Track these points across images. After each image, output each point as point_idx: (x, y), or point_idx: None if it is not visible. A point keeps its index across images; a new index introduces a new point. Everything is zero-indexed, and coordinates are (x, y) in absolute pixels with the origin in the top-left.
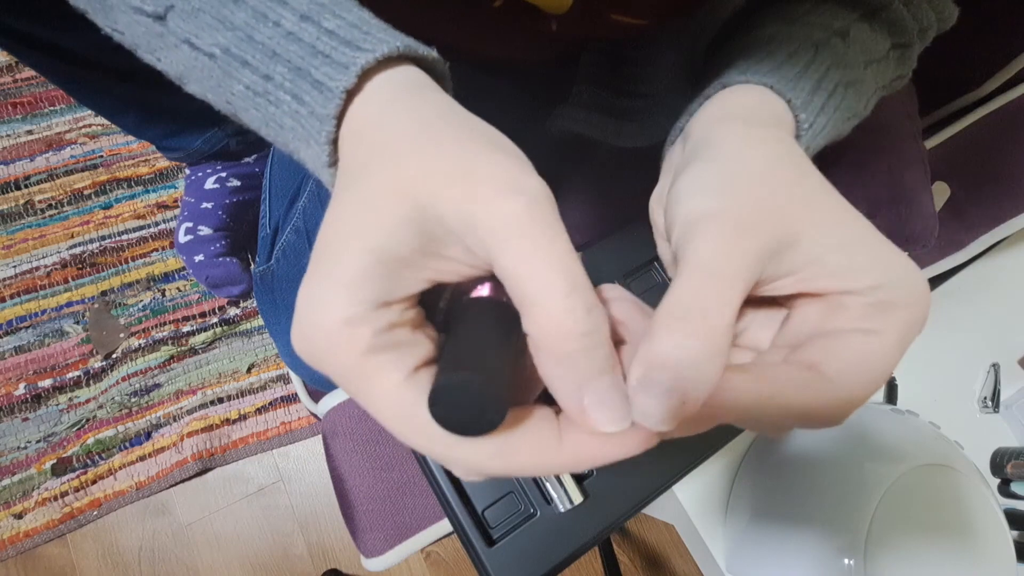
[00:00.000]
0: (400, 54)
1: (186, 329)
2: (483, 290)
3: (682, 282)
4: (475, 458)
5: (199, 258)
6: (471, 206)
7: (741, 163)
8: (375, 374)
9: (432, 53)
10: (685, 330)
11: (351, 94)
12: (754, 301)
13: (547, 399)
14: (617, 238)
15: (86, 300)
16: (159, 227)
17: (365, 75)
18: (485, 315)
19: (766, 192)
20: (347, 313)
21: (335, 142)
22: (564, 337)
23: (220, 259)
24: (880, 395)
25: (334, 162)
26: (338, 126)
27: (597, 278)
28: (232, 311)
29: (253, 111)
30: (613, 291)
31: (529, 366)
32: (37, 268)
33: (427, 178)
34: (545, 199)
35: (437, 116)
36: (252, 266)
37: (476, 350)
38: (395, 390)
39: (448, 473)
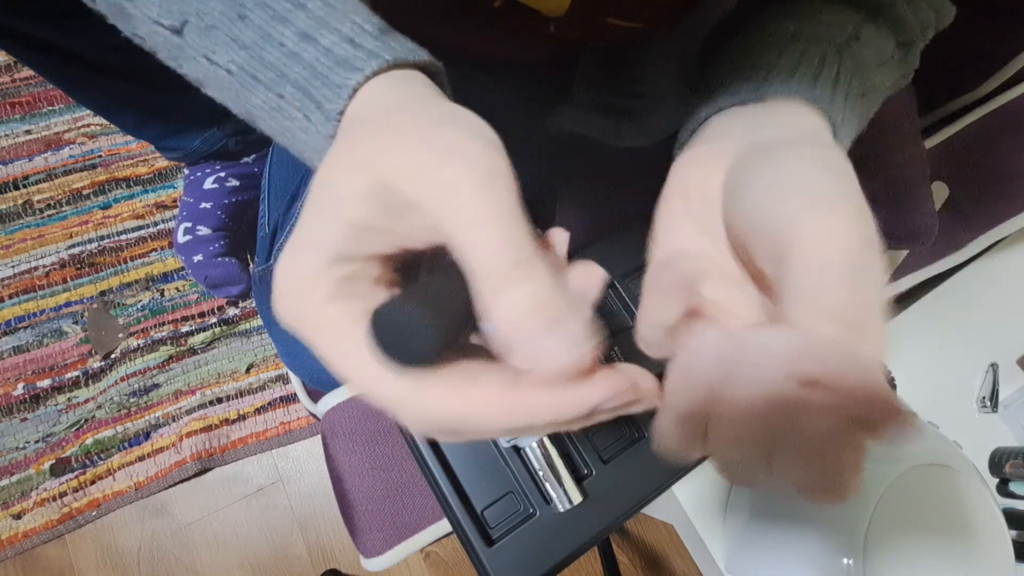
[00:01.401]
0: (390, 66)
1: (185, 329)
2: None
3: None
4: (421, 394)
5: (198, 258)
6: (423, 176)
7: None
8: (332, 317)
9: (421, 57)
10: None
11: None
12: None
13: None
14: (617, 238)
15: (85, 300)
16: (158, 227)
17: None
18: (448, 272)
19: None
20: (306, 270)
21: None
22: (506, 286)
23: (219, 259)
24: None
25: None
26: None
27: None
28: (231, 311)
29: (271, 122)
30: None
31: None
32: (36, 268)
33: (383, 154)
34: (486, 161)
35: (404, 103)
36: (251, 266)
37: (429, 291)
38: (346, 328)
39: (448, 473)
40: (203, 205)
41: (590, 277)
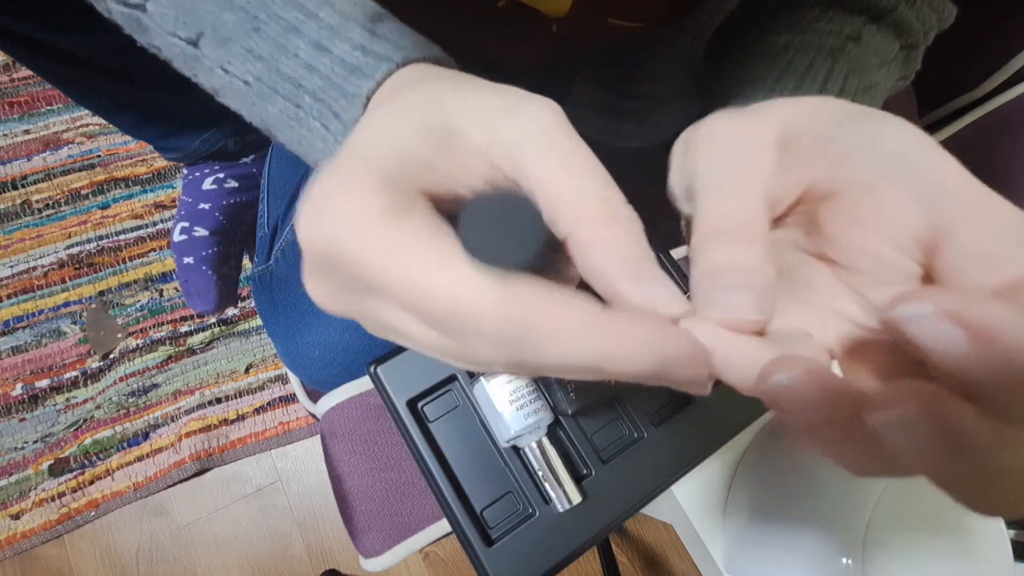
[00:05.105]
0: (400, 66)
1: (184, 329)
2: None
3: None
4: (512, 302)
5: (189, 260)
6: (494, 118)
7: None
8: (397, 222)
9: (432, 52)
10: (731, 239)
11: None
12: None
13: None
14: None
15: (83, 300)
16: (157, 227)
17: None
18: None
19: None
20: (359, 185)
21: None
22: (609, 223)
23: (206, 270)
24: None
25: None
26: None
27: None
28: (230, 311)
29: (287, 132)
30: None
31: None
32: (34, 268)
33: (452, 95)
34: (561, 112)
35: (453, 72)
36: (251, 266)
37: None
38: (417, 234)
39: (447, 473)
40: (201, 206)
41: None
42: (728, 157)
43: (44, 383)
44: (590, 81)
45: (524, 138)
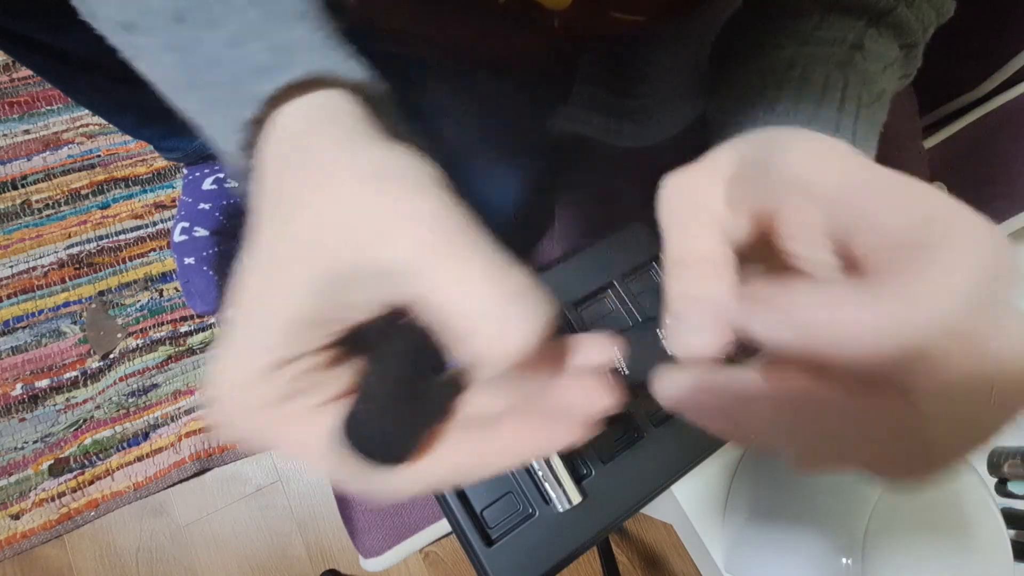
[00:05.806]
0: (297, 84)
1: (184, 329)
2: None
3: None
4: (399, 481)
5: (190, 261)
6: (370, 254)
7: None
8: (286, 418)
9: (354, 75)
10: (679, 271)
11: (255, 134)
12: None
13: None
14: (617, 238)
15: (83, 300)
16: (157, 227)
17: (266, 114)
18: (398, 343)
19: None
20: (244, 377)
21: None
22: (516, 343)
23: (206, 269)
24: None
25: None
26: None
27: (596, 278)
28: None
29: (202, 132)
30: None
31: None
32: (34, 268)
33: (320, 238)
34: (442, 214)
35: (328, 145)
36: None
37: (385, 381)
38: (307, 426)
39: None
40: (201, 206)
41: (600, 352)
42: (680, 204)
43: (44, 383)
44: (591, 80)
45: (406, 264)
